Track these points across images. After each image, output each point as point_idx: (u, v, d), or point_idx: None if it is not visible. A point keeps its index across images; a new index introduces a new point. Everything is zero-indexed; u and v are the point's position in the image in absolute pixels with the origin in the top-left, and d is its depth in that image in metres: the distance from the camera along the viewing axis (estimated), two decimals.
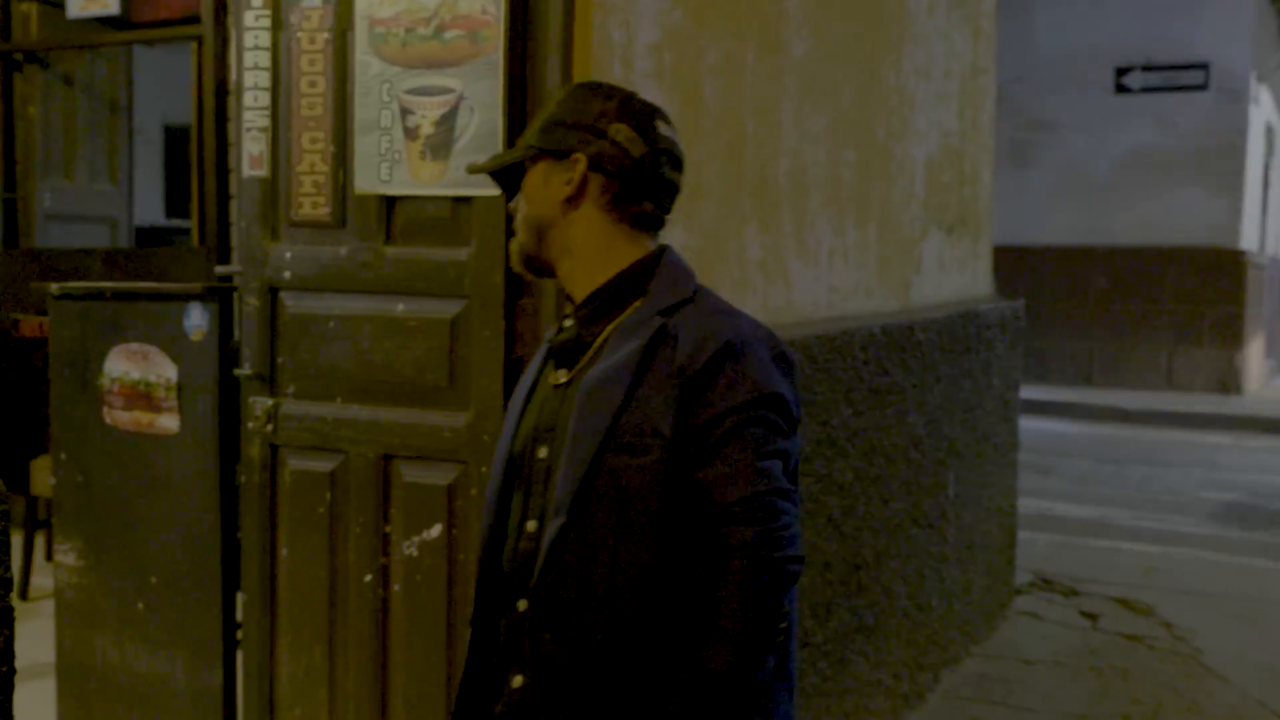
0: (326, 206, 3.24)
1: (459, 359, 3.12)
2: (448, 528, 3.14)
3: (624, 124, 1.87)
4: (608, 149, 1.86)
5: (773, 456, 1.74)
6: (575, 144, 1.87)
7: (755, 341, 1.81)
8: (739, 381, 1.75)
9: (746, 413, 1.74)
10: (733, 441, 1.72)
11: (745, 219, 3.79)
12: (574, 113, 1.89)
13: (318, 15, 3.23)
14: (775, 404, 1.77)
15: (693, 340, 1.78)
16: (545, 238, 1.92)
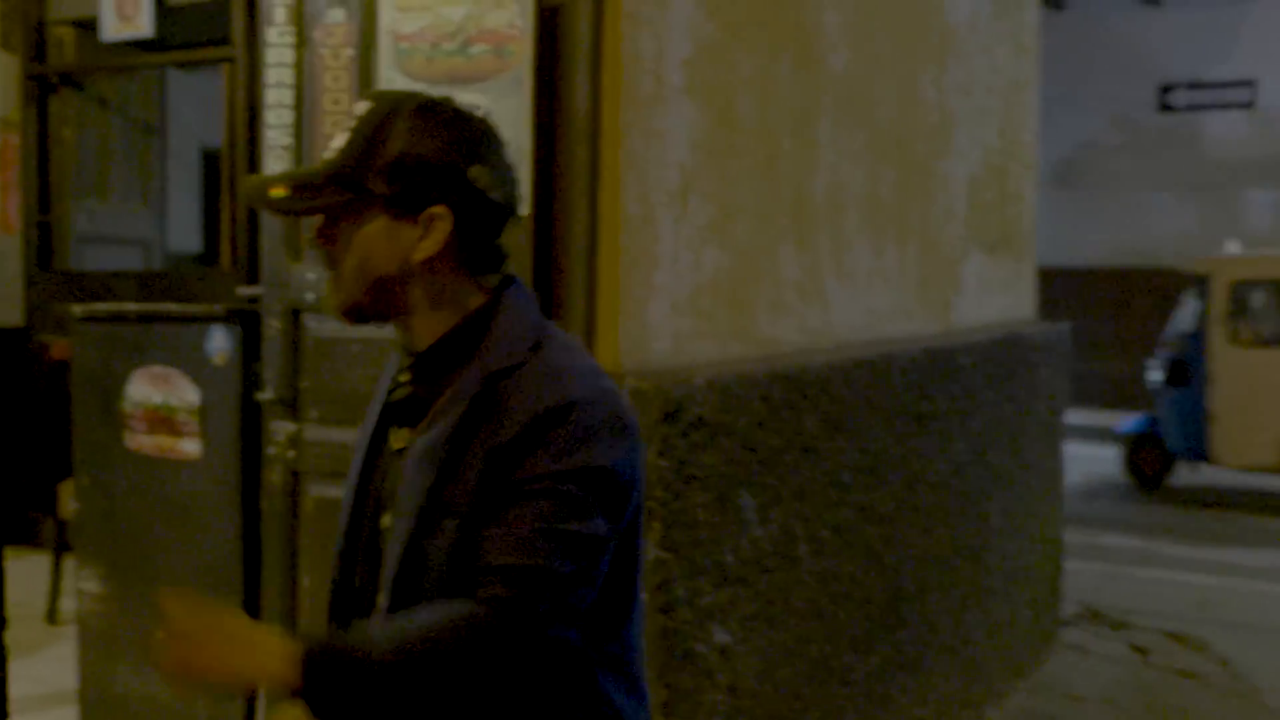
0: None
1: None
2: None
3: (480, 165, 1.60)
4: (468, 198, 1.59)
5: (562, 537, 1.52)
6: (434, 196, 1.58)
7: (586, 406, 1.56)
8: (552, 451, 1.53)
9: (549, 483, 1.52)
10: (524, 505, 1.52)
11: (781, 238, 3.68)
12: (425, 150, 1.58)
13: (341, 32, 3.15)
14: (589, 480, 1.54)
15: (519, 407, 1.56)
16: (383, 294, 1.63)
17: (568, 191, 2.96)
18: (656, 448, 2.97)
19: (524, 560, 1.49)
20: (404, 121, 1.58)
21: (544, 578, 1.50)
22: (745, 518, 3.28)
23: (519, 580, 1.49)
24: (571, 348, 1.69)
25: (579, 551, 1.52)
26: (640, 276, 3.07)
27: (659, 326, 3.15)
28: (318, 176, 1.60)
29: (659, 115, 3.12)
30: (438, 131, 1.59)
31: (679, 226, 3.21)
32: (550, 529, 1.51)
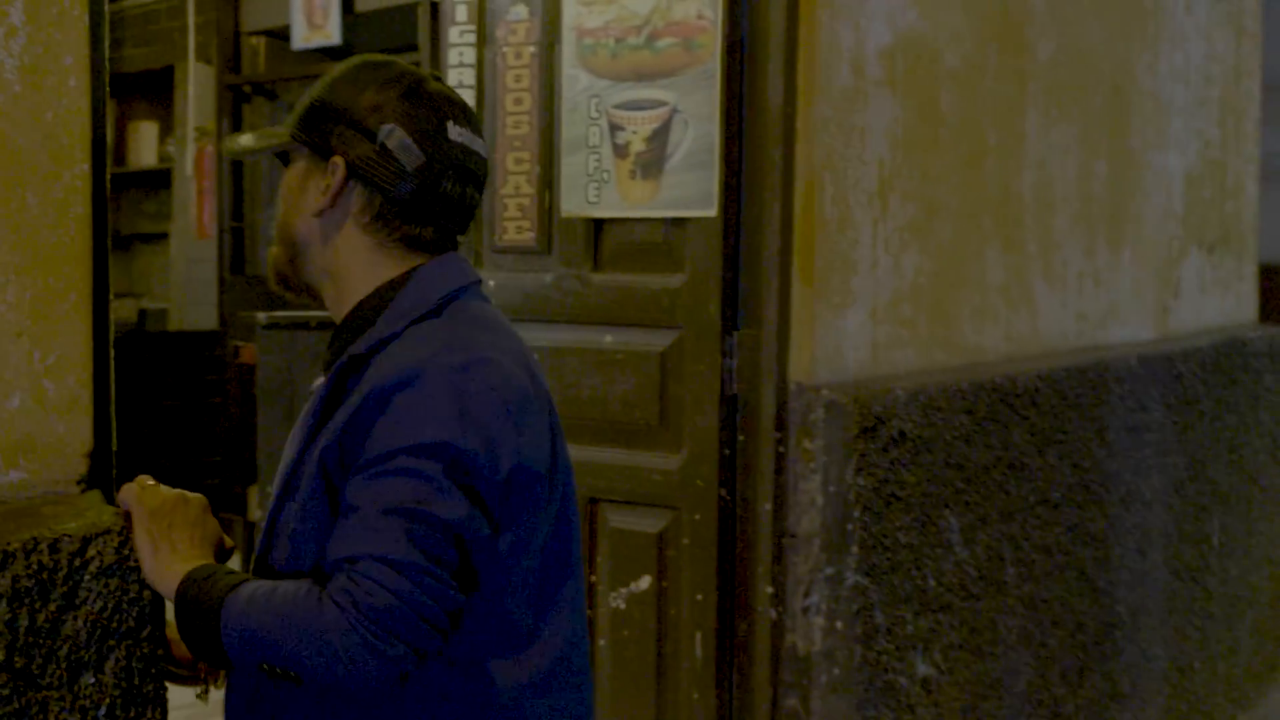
0: (532, 231, 3.04)
1: (670, 396, 2.86)
2: (657, 580, 2.89)
3: (400, 125, 1.46)
4: (373, 155, 1.46)
5: (402, 514, 1.33)
6: (334, 142, 1.48)
7: (437, 374, 1.38)
8: (392, 425, 1.37)
9: (388, 463, 1.35)
10: (364, 488, 1.36)
11: (986, 239, 3.43)
12: (343, 98, 1.49)
13: (524, 29, 3.04)
14: (434, 455, 1.35)
15: (368, 379, 1.42)
16: (300, 255, 1.55)
17: (760, 191, 2.79)
18: (854, 465, 2.77)
19: (358, 549, 1.33)
20: (339, 72, 1.53)
21: (386, 564, 1.31)
22: (949, 540, 3.05)
23: (359, 574, 1.32)
24: (478, 319, 1.52)
25: (428, 537, 1.33)
26: (837, 282, 2.88)
27: (856, 335, 2.95)
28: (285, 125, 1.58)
29: (857, 110, 2.92)
30: (364, 84, 1.50)
31: (878, 229, 3.00)
32: (392, 505, 1.33)
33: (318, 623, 1.31)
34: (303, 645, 1.32)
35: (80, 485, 1.55)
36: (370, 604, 1.30)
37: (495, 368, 1.43)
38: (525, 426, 1.45)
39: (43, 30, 1.49)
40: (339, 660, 1.31)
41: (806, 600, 2.77)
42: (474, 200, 1.56)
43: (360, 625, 1.30)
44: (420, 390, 1.37)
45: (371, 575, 1.31)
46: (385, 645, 1.30)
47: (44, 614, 1.40)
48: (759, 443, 2.80)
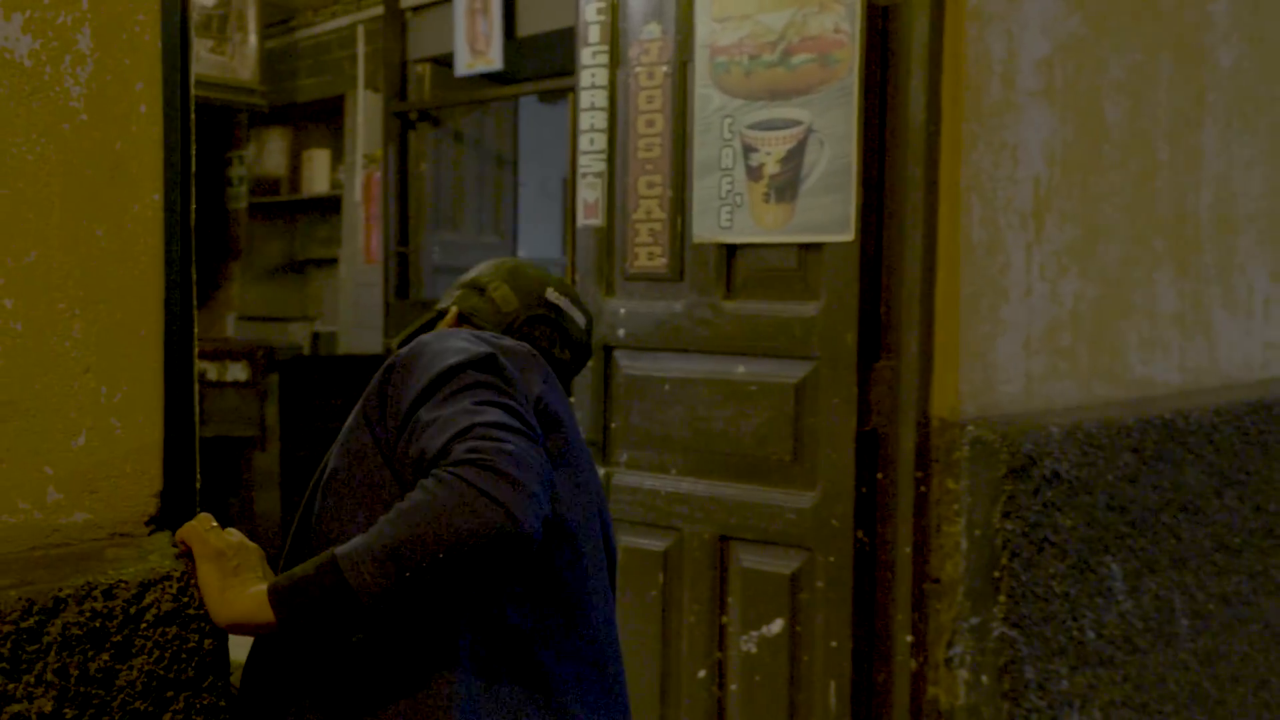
0: (663, 257, 2.93)
1: (805, 430, 2.71)
2: (790, 624, 2.73)
3: (505, 284, 1.81)
4: (480, 303, 1.81)
5: (483, 402, 1.40)
6: (456, 299, 1.84)
7: (436, 340, 1.53)
8: (412, 380, 1.45)
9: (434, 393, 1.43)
10: (429, 405, 1.41)
11: (1157, 263, 3.18)
12: (470, 276, 1.87)
13: (657, 48, 2.94)
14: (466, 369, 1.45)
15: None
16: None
17: (900, 214, 2.62)
18: (1002, 507, 2.57)
19: (467, 421, 1.36)
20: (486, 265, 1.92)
21: (494, 426, 1.35)
22: (1111, 588, 2.82)
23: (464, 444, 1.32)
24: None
25: (500, 409, 1.40)
26: (985, 310, 2.68)
27: (1007, 367, 2.74)
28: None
29: (1009, 125, 2.73)
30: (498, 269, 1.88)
31: (1032, 253, 2.80)
32: (460, 408, 1.39)
33: (448, 491, 1.28)
34: (445, 517, 1.27)
35: (149, 526, 1.49)
36: (486, 449, 1.31)
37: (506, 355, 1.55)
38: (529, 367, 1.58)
39: (112, 56, 1.45)
40: (487, 505, 1.27)
41: (950, 651, 2.58)
42: (567, 359, 1.83)
43: (487, 466, 1.29)
44: (433, 343, 1.51)
45: (475, 438, 1.33)
46: (519, 474, 1.30)
47: (97, 663, 1.34)
48: (898, 482, 2.63)
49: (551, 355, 1.79)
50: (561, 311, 1.83)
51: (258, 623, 1.35)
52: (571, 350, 1.84)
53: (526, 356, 1.58)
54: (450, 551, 1.26)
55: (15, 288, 1.38)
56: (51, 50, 1.41)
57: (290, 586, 1.32)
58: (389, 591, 1.28)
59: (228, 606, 1.38)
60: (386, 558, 1.27)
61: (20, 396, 1.39)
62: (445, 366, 1.43)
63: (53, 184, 1.41)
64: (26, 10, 1.39)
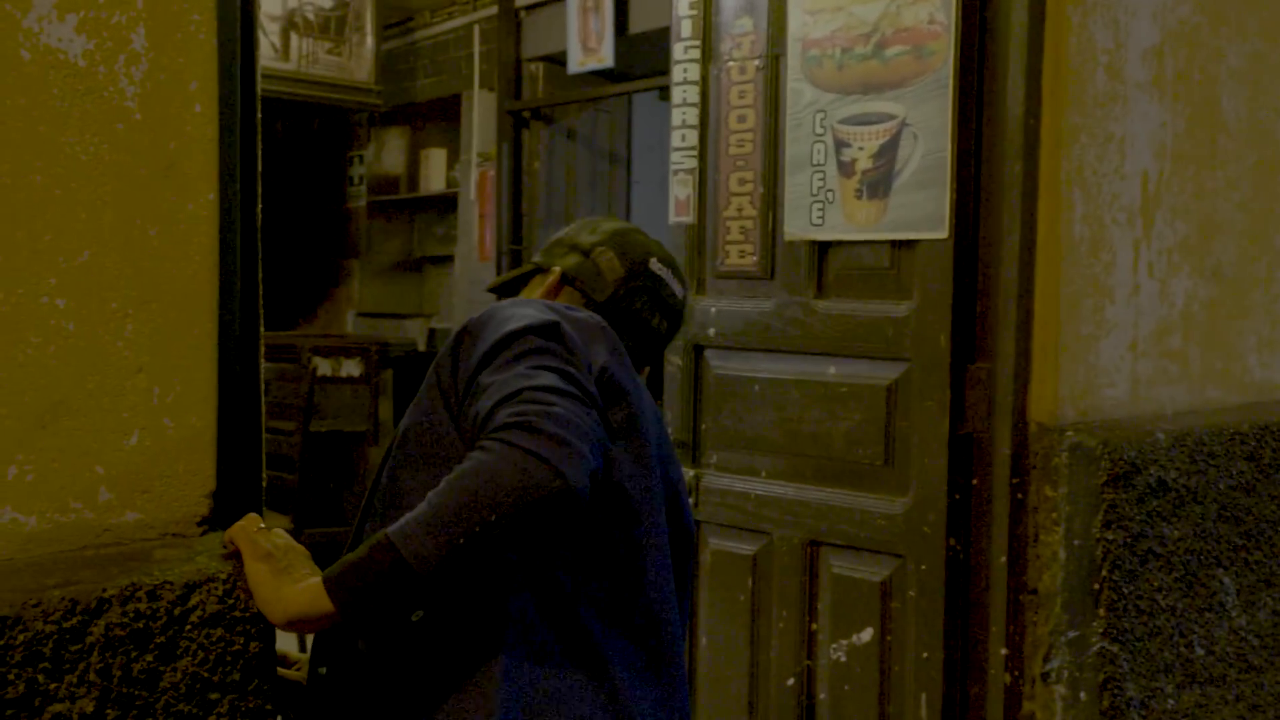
0: (754, 255, 2.87)
1: (897, 433, 2.63)
2: (880, 632, 2.65)
3: (611, 250, 1.78)
4: (584, 266, 1.77)
5: (538, 367, 1.41)
6: (557, 258, 1.80)
7: (505, 308, 1.54)
8: (480, 343, 1.47)
9: (494, 359, 1.44)
10: (486, 380, 1.42)
11: (1278, 260, 3.02)
12: (574, 235, 1.83)
13: (749, 42, 2.88)
14: (529, 335, 1.46)
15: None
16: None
17: (997, 211, 2.52)
18: (1103, 516, 2.46)
19: (517, 386, 1.36)
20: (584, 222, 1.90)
21: (542, 390, 1.36)
22: (1223, 603, 2.68)
23: (520, 400, 1.34)
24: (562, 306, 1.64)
25: (554, 374, 1.40)
26: (1088, 311, 2.57)
27: (1112, 370, 2.63)
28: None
29: (1115, 117, 2.61)
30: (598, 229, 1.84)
31: (1140, 251, 2.67)
32: (515, 373, 1.40)
33: (493, 456, 1.29)
34: (493, 480, 1.28)
35: (201, 527, 1.49)
36: (531, 412, 1.31)
37: (573, 323, 1.55)
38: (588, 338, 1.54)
39: (166, 55, 1.45)
40: (534, 463, 1.28)
41: (1046, 665, 2.47)
42: (663, 330, 1.80)
43: (531, 428, 1.30)
44: (505, 309, 1.52)
45: (524, 401, 1.33)
46: (563, 432, 1.30)
47: (140, 664, 1.34)
48: (994, 488, 2.53)
49: (648, 325, 1.77)
50: (663, 283, 1.79)
51: (317, 614, 1.33)
52: (669, 322, 1.82)
53: (594, 328, 1.57)
54: (500, 513, 1.27)
55: (68, 287, 1.39)
56: (105, 50, 1.42)
57: (345, 571, 1.32)
58: (445, 561, 1.29)
59: (283, 603, 1.36)
60: (439, 527, 1.28)
61: (72, 396, 1.40)
62: (507, 331, 1.45)
63: (106, 184, 1.42)
64: (81, 10, 1.40)
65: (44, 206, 1.38)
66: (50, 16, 1.38)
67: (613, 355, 1.55)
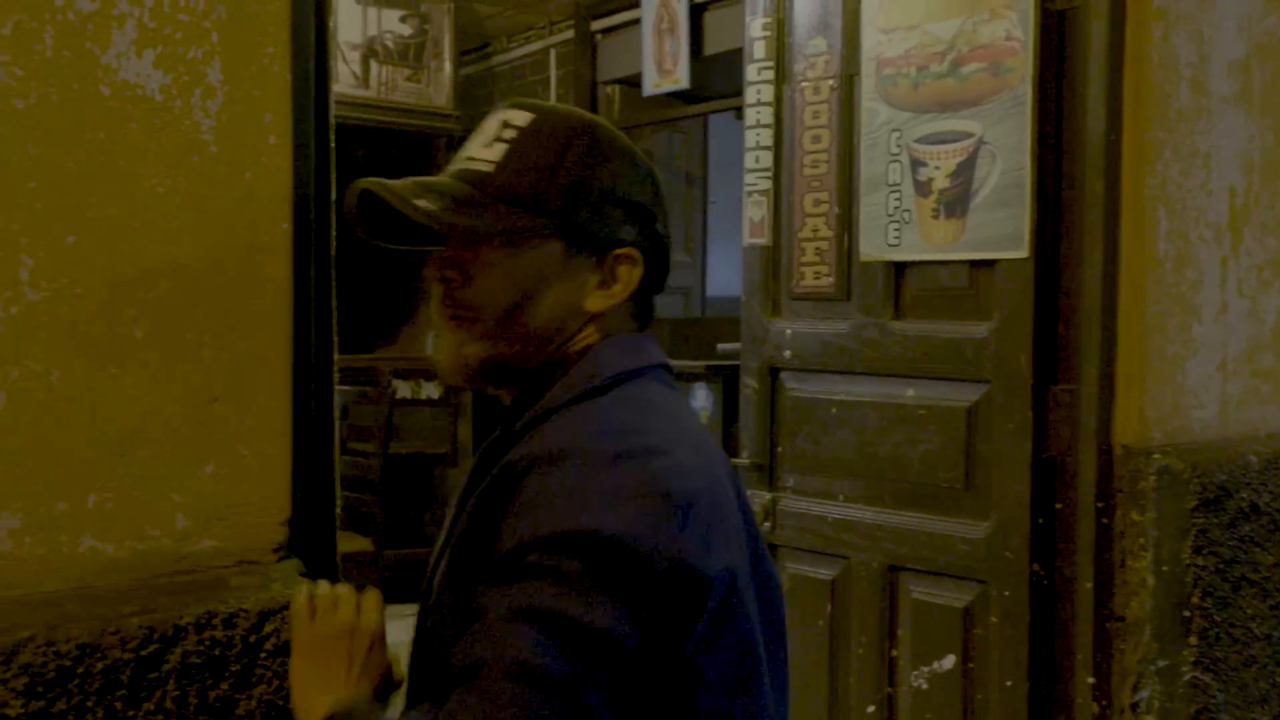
0: (830, 276, 2.84)
1: (977, 456, 2.58)
2: (962, 660, 2.60)
3: (663, 215, 1.30)
4: (658, 246, 1.28)
5: (537, 620, 1.05)
6: (626, 235, 1.24)
7: (590, 456, 1.12)
8: (532, 510, 1.10)
9: (518, 560, 1.08)
10: (497, 586, 1.09)
11: None
12: (619, 182, 1.25)
13: (822, 62, 2.86)
14: (584, 549, 1.06)
15: (510, 458, 1.17)
16: (533, 349, 1.25)
17: (1078, 229, 2.47)
18: (1193, 541, 2.40)
19: (490, 654, 1.05)
20: (586, 144, 1.25)
21: (518, 677, 1.03)
22: None
23: (484, 684, 1.04)
24: (653, 403, 1.23)
25: (571, 645, 1.04)
26: (1174, 330, 2.51)
27: (1200, 390, 2.56)
28: (476, 190, 1.22)
29: (1200, 132, 2.55)
30: (629, 167, 1.27)
31: (1228, 267, 2.61)
32: (527, 611, 1.05)
33: None
34: None
35: (276, 554, 1.50)
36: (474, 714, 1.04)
37: (661, 459, 1.13)
38: (695, 525, 1.11)
39: (241, 88, 1.47)
40: None
41: (1135, 695, 2.41)
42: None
43: None
44: (561, 473, 1.11)
45: (489, 693, 1.04)
46: None
47: (216, 693, 1.35)
48: (1078, 513, 2.48)
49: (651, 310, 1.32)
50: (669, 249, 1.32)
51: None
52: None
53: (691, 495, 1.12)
54: None
55: (146, 319, 1.41)
56: (182, 84, 1.44)
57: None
58: None
59: (297, 702, 1.30)
60: None
61: (150, 425, 1.41)
62: (556, 531, 1.07)
63: (182, 215, 1.43)
64: (158, 46, 1.42)
65: (122, 239, 1.40)
66: (129, 52, 1.41)
67: (692, 530, 1.11)
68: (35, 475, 1.35)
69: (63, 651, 1.26)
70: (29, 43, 1.35)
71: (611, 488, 1.09)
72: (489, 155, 1.24)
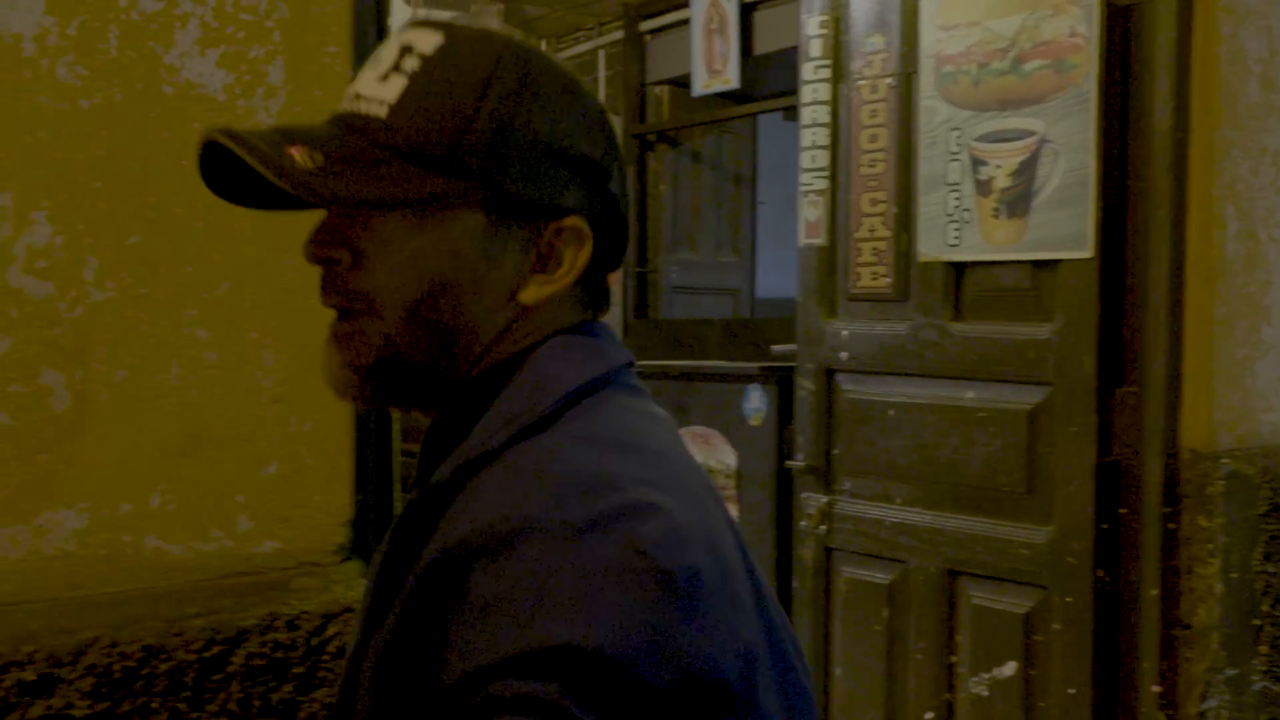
0: (888, 277, 2.81)
1: (1039, 460, 2.54)
2: (1024, 667, 2.56)
3: (618, 166, 0.95)
4: (610, 211, 0.95)
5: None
6: (562, 195, 0.92)
7: (543, 540, 0.78)
8: (487, 619, 0.77)
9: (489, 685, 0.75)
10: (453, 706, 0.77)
11: None
12: (554, 129, 0.91)
13: (880, 60, 2.82)
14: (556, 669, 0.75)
15: (449, 529, 0.83)
16: (459, 349, 0.92)
17: (1144, 229, 2.43)
18: (1263, 549, 2.34)
19: None
20: (516, 77, 0.90)
21: None
22: None
23: None
24: (623, 428, 0.89)
25: None
26: (1242, 332, 2.46)
27: (1270, 393, 2.50)
28: (365, 141, 0.87)
29: (1270, 130, 2.50)
30: (573, 105, 0.93)
31: None
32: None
33: None
34: None
35: (338, 556, 1.49)
36: None
37: (648, 521, 0.80)
38: (705, 611, 0.80)
39: (303, 88, 1.46)
40: None
41: (1203, 705, 2.36)
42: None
43: None
44: (516, 563, 0.78)
45: None
46: None
47: (279, 695, 1.34)
48: (1143, 518, 2.43)
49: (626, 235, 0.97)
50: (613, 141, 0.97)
51: None
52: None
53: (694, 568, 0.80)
54: None
55: (208, 318, 1.41)
56: (245, 84, 1.43)
57: None
58: None
59: None
60: None
61: (213, 425, 1.41)
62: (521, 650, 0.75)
63: (244, 217, 1.42)
64: (221, 45, 1.42)
65: (185, 239, 1.40)
66: (192, 52, 1.40)
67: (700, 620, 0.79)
68: (100, 475, 1.35)
69: (128, 653, 1.26)
70: (94, 43, 1.35)
71: (585, 576, 0.78)
72: (383, 93, 0.89)
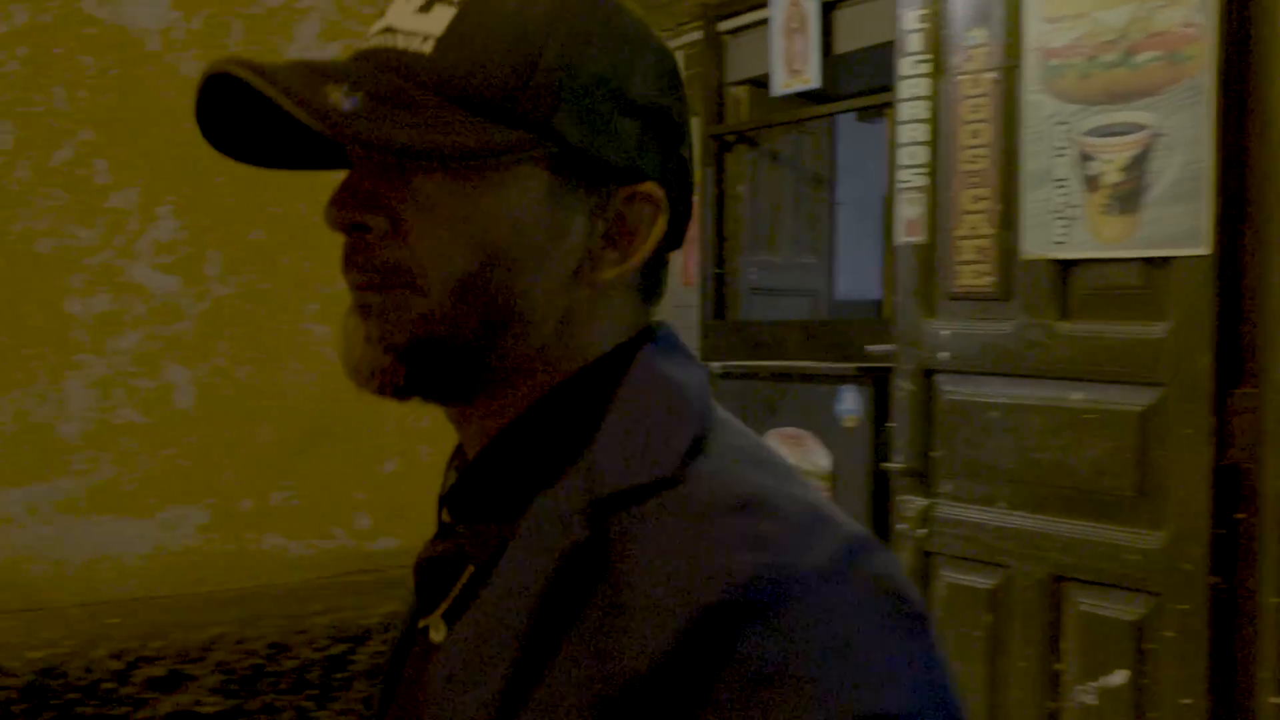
0: (990, 275, 2.75)
1: (1150, 463, 2.47)
2: (1134, 675, 2.49)
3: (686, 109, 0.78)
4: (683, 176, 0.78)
5: None
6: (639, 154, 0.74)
7: (805, 589, 0.62)
8: (782, 688, 0.59)
9: None
10: None
11: None
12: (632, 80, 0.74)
13: (982, 54, 2.77)
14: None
15: (665, 582, 0.63)
16: (521, 336, 0.73)
17: (1264, 224, 2.35)
18: None
19: None
20: (582, 12, 0.73)
21: None
22: None
23: None
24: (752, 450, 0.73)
25: None
26: None
27: None
28: (405, 81, 0.69)
29: None
30: (641, 49, 0.76)
31: None
32: None
33: None
34: None
35: None
36: None
37: (873, 554, 0.67)
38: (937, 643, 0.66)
39: None
40: None
41: None
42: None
43: None
44: (799, 617, 0.61)
45: None
46: None
47: None
48: (1263, 522, 2.35)
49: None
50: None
51: None
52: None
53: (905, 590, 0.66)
54: None
55: (328, 314, 1.39)
56: None
57: None
58: None
59: None
60: None
61: (332, 422, 1.39)
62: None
63: None
64: (341, 39, 1.40)
65: (305, 234, 1.39)
66: (313, 45, 1.39)
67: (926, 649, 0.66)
68: (222, 471, 1.34)
69: (255, 650, 1.25)
70: (217, 37, 1.34)
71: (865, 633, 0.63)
72: (425, 26, 0.71)
